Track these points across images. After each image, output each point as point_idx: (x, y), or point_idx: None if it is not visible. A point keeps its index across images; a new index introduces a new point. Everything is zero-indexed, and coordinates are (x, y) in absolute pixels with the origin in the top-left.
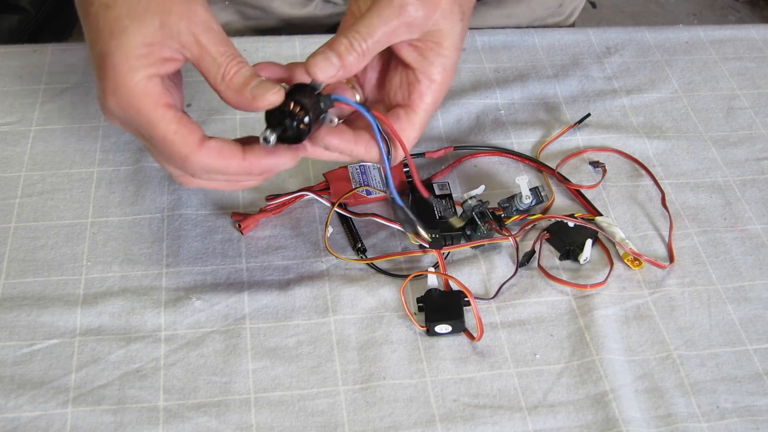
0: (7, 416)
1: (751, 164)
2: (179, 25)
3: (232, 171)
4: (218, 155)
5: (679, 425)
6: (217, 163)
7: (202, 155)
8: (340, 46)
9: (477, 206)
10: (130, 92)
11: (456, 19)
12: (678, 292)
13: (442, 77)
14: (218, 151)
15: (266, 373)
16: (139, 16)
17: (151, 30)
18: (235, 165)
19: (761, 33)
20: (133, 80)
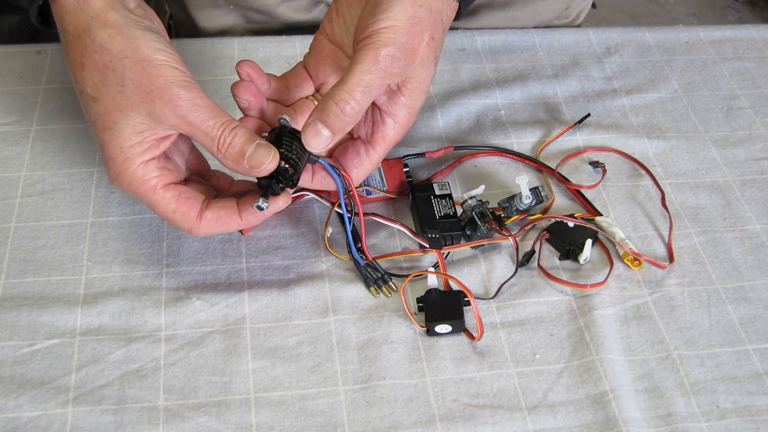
0: (7, 416)
1: (751, 164)
2: (164, 111)
3: (232, 229)
4: (216, 223)
5: (679, 425)
6: (217, 229)
7: (202, 227)
8: (329, 116)
9: (477, 206)
10: (129, 180)
11: (431, 65)
12: (678, 292)
13: (406, 120)
14: (216, 219)
15: (266, 373)
16: (125, 109)
17: (139, 119)
18: (234, 225)
19: (761, 33)
20: (130, 169)
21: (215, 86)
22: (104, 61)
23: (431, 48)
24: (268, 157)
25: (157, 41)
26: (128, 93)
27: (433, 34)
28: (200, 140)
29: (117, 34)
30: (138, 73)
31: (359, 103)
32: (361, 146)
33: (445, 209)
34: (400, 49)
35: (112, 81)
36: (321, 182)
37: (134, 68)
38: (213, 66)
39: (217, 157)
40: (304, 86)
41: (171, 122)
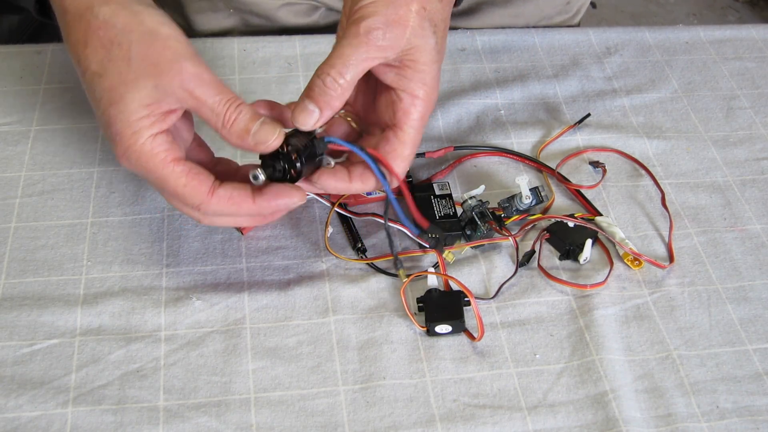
0: (7, 416)
1: (751, 164)
2: (172, 84)
3: (243, 213)
4: (228, 201)
5: (679, 425)
6: (228, 209)
7: (212, 203)
8: (314, 91)
9: (477, 206)
10: (137, 154)
11: (428, 34)
12: (678, 292)
13: (424, 92)
14: (228, 197)
15: (266, 373)
16: (132, 82)
17: (146, 92)
18: (246, 208)
19: (761, 33)
20: (138, 143)
21: None
22: (109, 37)
23: (423, 17)
24: (274, 133)
25: (161, 15)
26: (135, 66)
27: (424, 4)
28: (205, 115)
29: (121, 9)
30: (144, 46)
31: (341, 75)
32: (389, 133)
33: (445, 209)
34: (382, 20)
35: (117, 55)
36: (361, 181)
37: (140, 42)
38: (213, 66)
39: (222, 133)
40: None
41: (178, 95)
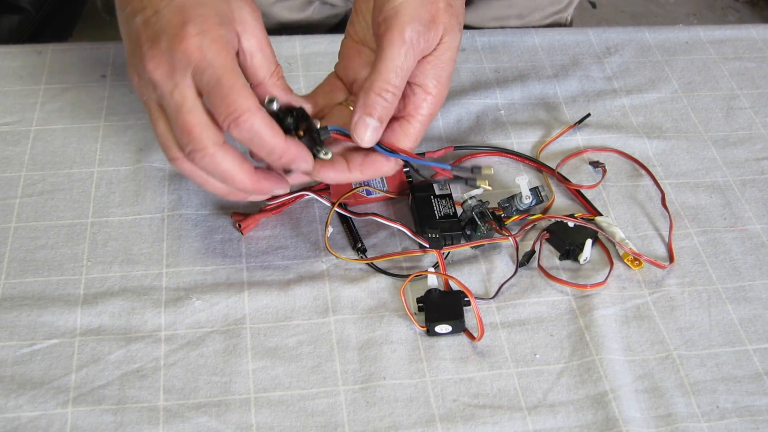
0: (7, 416)
1: (751, 164)
2: (243, 12)
3: (236, 178)
4: (233, 157)
5: (679, 425)
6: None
7: (257, 119)
8: (374, 108)
9: (477, 206)
10: (214, 38)
11: (456, 31)
12: (678, 292)
13: (436, 89)
14: (235, 155)
15: (266, 373)
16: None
17: (223, 8)
18: (242, 175)
19: (761, 33)
20: (219, 32)
21: None
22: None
23: (450, 14)
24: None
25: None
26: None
27: (450, 1)
28: (258, 60)
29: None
30: None
31: (397, 87)
32: (395, 123)
33: (445, 209)
34: (422, 22)
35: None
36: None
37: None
38: None
39: (268, 82)
40: (336, 93)
41: (248, 27)
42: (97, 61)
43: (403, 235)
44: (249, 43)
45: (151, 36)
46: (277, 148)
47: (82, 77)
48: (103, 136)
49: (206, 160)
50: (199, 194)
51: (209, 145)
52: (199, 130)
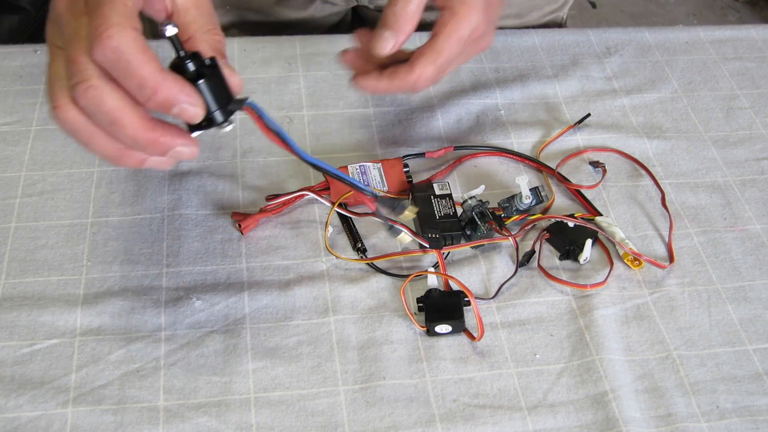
0: (7, 416)
1: (751, 164)
2: None
3: (135, 77)
4: (140, 48)
5: (679, 425)
6: (130, 53)
7: (124, 37)
8: (388, 19)
9: (477, 206)
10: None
11: None
12: (678, 292)
13: (463, 11)
14: (141, 47)
15: (266, 373)
16: None
17: None
18: (144, 72)
19: (761, 33)
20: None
21: None
22: None
23: None
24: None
25: None
26: None
27: None
28: (192, 14)
29: None
30: None
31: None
32: (426, 42)
33: (445, 209)
34: None
35: None
36: (389, 76)
37: None
38: None
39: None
40: None
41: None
42: None
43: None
44: (181, 1)
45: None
46: (149, 78)
47: None
48: None
49: (89, 94)
50: (198, 194)
51: (94, 76)
52: (85, 60)
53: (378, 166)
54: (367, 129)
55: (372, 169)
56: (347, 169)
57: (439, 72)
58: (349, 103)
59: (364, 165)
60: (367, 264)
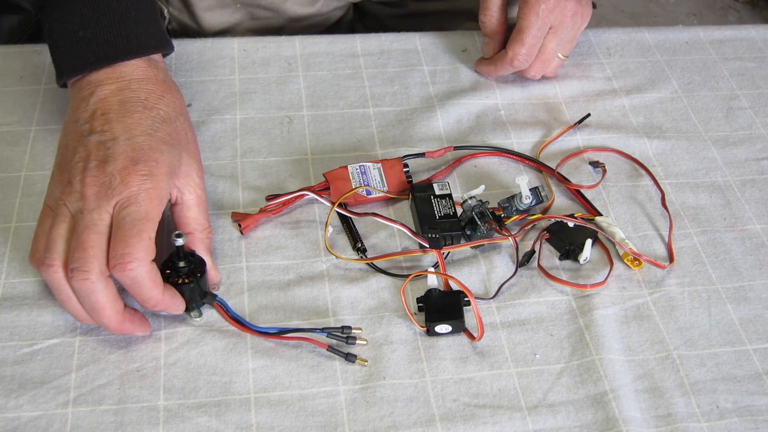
0: (8, 416)
1: (751, 164)
2: (191, 169)
3: (143, 296)
4: (152, 278)
5: (679, 425)
6: (145, 283)
7: (142, 269)
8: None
9: (477, 206)
10: (155, 186)
11: None
12: (678, 292)
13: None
14: (153, 277)
15: (266, 372)
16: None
17: (175, 162)
18: (151, 294)
19: (761, 33)
20: (161, 182)
21: (215, 86)
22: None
23: None
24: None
25: None
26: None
27: None
28: (194, 214)
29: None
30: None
31: (488, 10)
32: None
33: (445, 209)
34: None
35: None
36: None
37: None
38: (213, 66)
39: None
40: None
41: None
42: None
43: (403, 235)
44: (189, 197)
45: (101, 157)
46: (152, 298)
47: None
48: None
49: (83, 284)
50: None
51: (94, 270)
52: (93, 253)
53: (378, 166)
54: (367, 129)
55: (372, 169)
56: (347, 169)
57: (530, 49)
58: (349, 103)
59: (364, 165)
60: (367, 264)
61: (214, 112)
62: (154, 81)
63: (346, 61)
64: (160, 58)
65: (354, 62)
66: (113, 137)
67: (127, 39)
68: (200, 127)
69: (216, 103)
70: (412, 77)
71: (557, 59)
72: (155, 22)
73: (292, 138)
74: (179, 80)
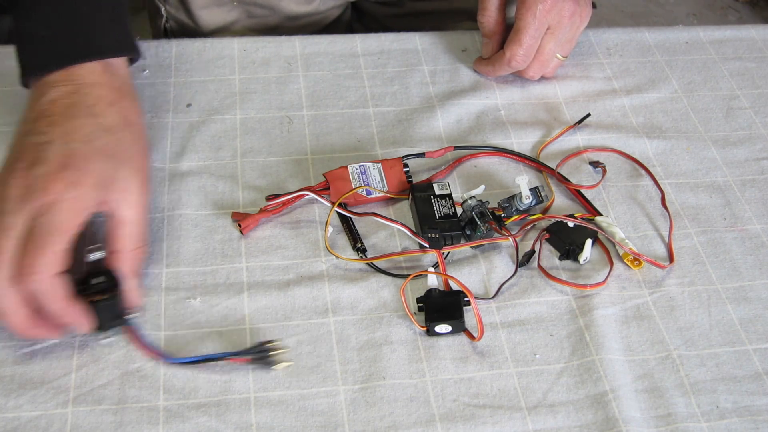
0: (7, 416)
1: (751, 164)
2: (131, 182)
3: (49, 308)
4: (56, 292)
5: (679, 425)
6: (48, 295)
7: (46, 284)
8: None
9: (477, 206)
10: (77, 197)
11: None
12: (678, 292)
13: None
14: (58, 291)
15: (266, 372)
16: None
17: (108, 174)
18: (56, 307)
19: (761, 33)
20: (86, 194)
21: (215, 86)
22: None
23: None
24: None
25: None
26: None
27: None
28: (124, 231)
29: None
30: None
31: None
32: None
33: (445, 209)
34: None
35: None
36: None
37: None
38: (213, 66)
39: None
40: None
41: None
42: None
43: (403, 234)
44: (125, 213)
45: (31, 159)
46: (55, 312)
47: None
48: None
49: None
50: (198, 194)
51: (2, 278)
52: (1, 259)
53: (378, 166)
54: (367, 129)
55: (372, 169)
56: (347, 169)
57: (528, 49)
58: (349, 103)
59: (364, 165)
60: (367, 264)
61: (214, 112)
62: (107, 87)
63: (346, 61)
64: (123, 63)
65: (354, 62)
66: (49, 140)
67: (85, 41)
68: (200, 127)
69: (216, 103)
70: (412, 77)
71: (556, 60)
72: (120, 26)
73: (292, 138)
74: (179, 80)
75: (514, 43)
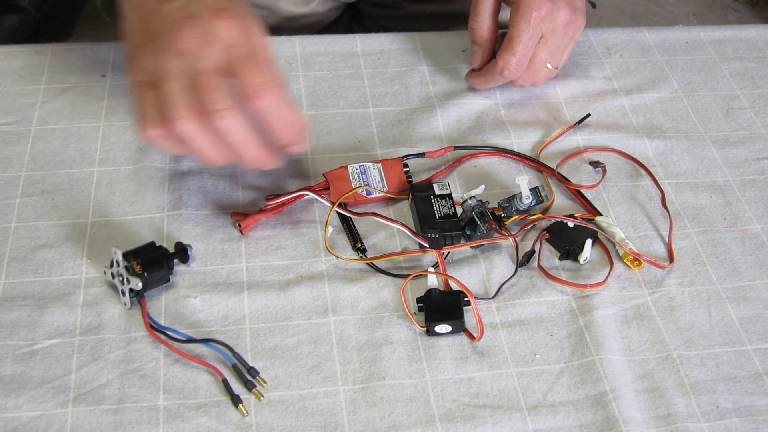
0: (7, 416)
1: (751, 164)
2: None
3: (289, 119)
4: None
5: (679, 425)
6: (289, 104)
7: (286, 93)
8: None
9: (477, 206)
10: (250, 23)
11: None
12: (678, 292)
13: (525, 5)
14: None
15: (266, 373)
16: None
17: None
18: (297, 115)
19: (761, 33)
20: (252, 19)
21: None
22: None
23: None
24: None
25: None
26: None
27: None
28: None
29: None
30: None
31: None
32: None
33: (445, 209)
34: None
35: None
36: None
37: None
38: None
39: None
40: None
41: None
42: (97, 61)
43: (403, 234)
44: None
45: (187, 15)
46: (298, 120)
47: (82, 77)
48: (103, 136)
49: (228, 120)
50: (198, 194)
51: (234, 106)
52: (225, 92)
53: (378, 166)
54: (367, 129)
55: (372, 169)
56: (347, 168)
57: (521, 58)
58: (349, 103)
59: (364, 165)
60: (366, 264)
61: None
62: None
63: (346, 61)
64: None
65: (354, 62)
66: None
67: None
68: None
69: None
70: (412, 77)
71: (546, 69)
72: None
73: None
74: None
75: (507, 51)
